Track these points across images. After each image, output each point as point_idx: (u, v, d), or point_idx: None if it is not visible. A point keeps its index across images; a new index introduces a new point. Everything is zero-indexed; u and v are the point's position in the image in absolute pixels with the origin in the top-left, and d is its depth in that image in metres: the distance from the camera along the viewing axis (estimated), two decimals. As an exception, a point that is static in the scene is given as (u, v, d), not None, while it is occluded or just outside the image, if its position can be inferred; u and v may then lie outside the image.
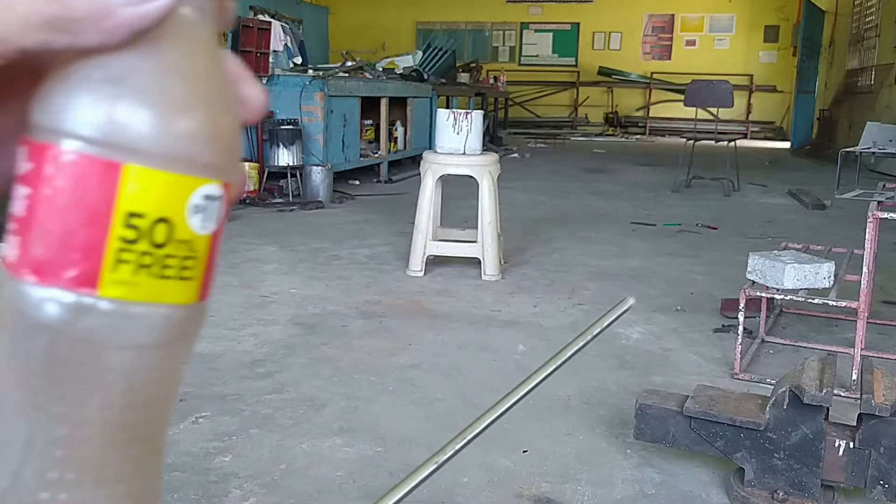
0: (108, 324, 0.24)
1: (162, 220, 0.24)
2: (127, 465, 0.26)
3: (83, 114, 0.23)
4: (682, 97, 8.35)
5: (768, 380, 2.58)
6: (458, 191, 5.04)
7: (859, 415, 1.78)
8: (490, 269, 3.91)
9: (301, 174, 6.30)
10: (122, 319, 0.24)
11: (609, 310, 0.44)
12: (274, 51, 7.35)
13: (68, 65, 0.24)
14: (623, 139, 15.57)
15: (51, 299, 0.23)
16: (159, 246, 0.24)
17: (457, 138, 3.88)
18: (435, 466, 0.40)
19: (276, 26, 7.74)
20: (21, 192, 0.24)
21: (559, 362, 0.43)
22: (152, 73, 0.24)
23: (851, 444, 1.78)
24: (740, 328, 2.65)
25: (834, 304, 2.57)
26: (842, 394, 2.39)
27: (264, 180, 6.26)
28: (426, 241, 3.92)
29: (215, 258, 0.26)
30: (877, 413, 1.73)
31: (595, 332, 0.44)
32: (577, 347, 0.44)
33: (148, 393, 0.25)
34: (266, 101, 0.29)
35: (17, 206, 0.24)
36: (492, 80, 12.80)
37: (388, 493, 0.37)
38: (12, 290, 0.24)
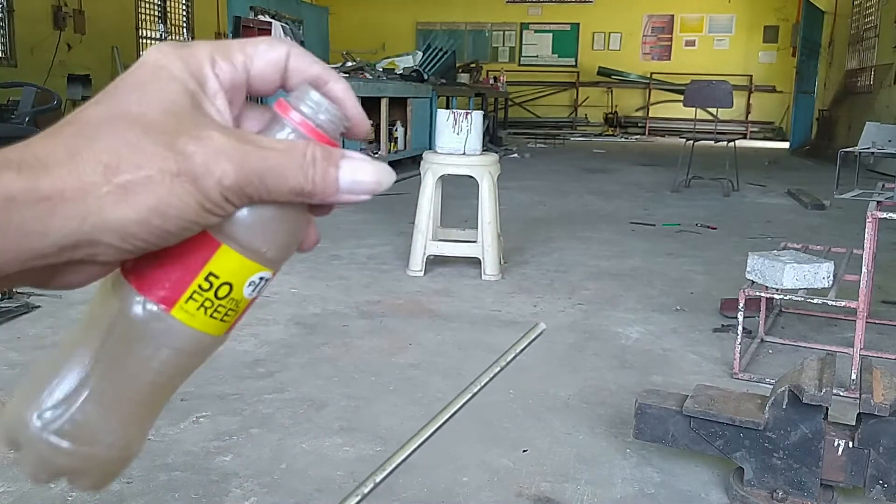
0: (166, 331, 0.35)
1: (227, 283, 0.35)
2: (134, 412, 0.36)
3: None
4: (681, 97, 8.36)
5: (768, 379, 2.59)
6: (458, 191, 5.04)
7: (858, 414, 1.79)
8: (490, 268, 3.91)
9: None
10: (174, 331, 0.35)
11: (522, 336, 0.45)
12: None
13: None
14: (623, 139, 15.58)
15: (141, 302, 0.35)
16: (219, 298, 0.35)
17: (457, 138, 3.89)
18: (358, 499, 0.43)
19: (277, 27, 7.75)
20: None
21: (475, 390, 0.45)
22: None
23: (850, 444, 1.78)
24: (740, 328, 2.65)
25: (833, 303, 2.58)
26: (841, 393, 2.40)
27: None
28: (426, 240, 3.92)
29: (245, 313, 0.38)
30: (876, 413, 1.74)
31: (508, 359, 0.46)
32: (492, 374, 0.46)
33: (167, 377, 0.36)
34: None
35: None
36: (492, 81, 12.81)
37: None
38: (121, 291, 0.35)
